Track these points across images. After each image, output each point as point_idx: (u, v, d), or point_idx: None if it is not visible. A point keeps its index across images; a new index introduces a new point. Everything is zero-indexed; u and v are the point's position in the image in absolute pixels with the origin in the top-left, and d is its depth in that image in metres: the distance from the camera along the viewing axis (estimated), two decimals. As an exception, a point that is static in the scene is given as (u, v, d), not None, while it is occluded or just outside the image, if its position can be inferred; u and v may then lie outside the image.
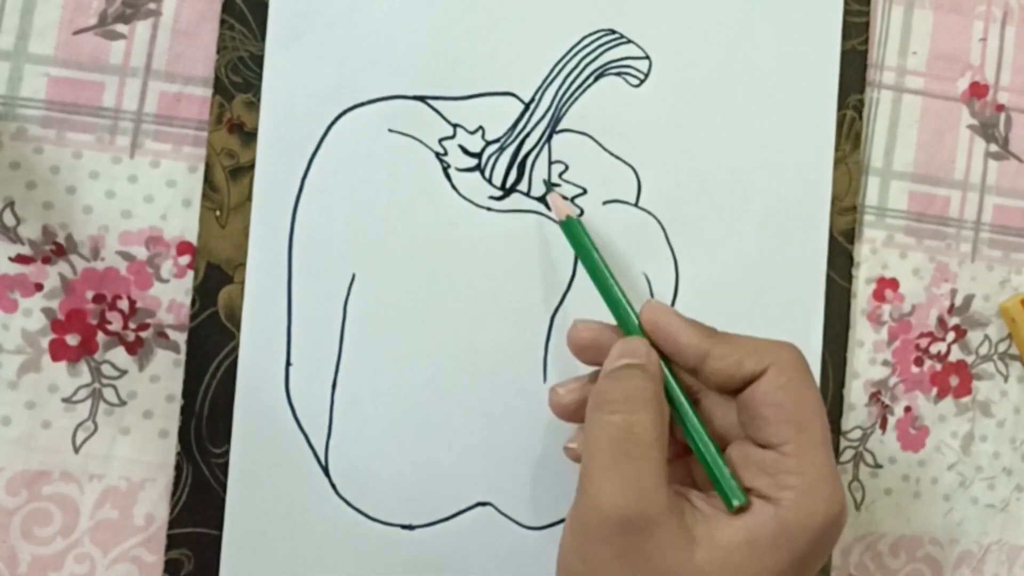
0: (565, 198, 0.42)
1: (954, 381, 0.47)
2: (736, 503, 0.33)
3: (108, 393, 0.40)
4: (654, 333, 0.36)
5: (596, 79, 0.43)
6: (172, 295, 0.40)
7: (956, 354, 0.47)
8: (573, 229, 0.40)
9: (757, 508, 0.33)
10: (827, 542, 0.34)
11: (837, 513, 0.33)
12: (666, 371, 0.36)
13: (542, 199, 0.43)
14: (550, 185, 0.42)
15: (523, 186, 0.43)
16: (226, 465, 0.40)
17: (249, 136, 0.41)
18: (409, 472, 0.41)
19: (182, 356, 0.40)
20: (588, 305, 0.43)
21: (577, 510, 0.34)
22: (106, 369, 0.40)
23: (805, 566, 0.33)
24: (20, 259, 0.39)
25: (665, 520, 0.32)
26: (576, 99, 0.43)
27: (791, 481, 0.33)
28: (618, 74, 0.44)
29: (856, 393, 0.46)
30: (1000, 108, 0.48)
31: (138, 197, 0.40)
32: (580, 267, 0.43)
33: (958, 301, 0.47)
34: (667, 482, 0.33)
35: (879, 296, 0.46)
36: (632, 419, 0.34)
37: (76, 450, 0.40)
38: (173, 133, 0.41)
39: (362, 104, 0.42)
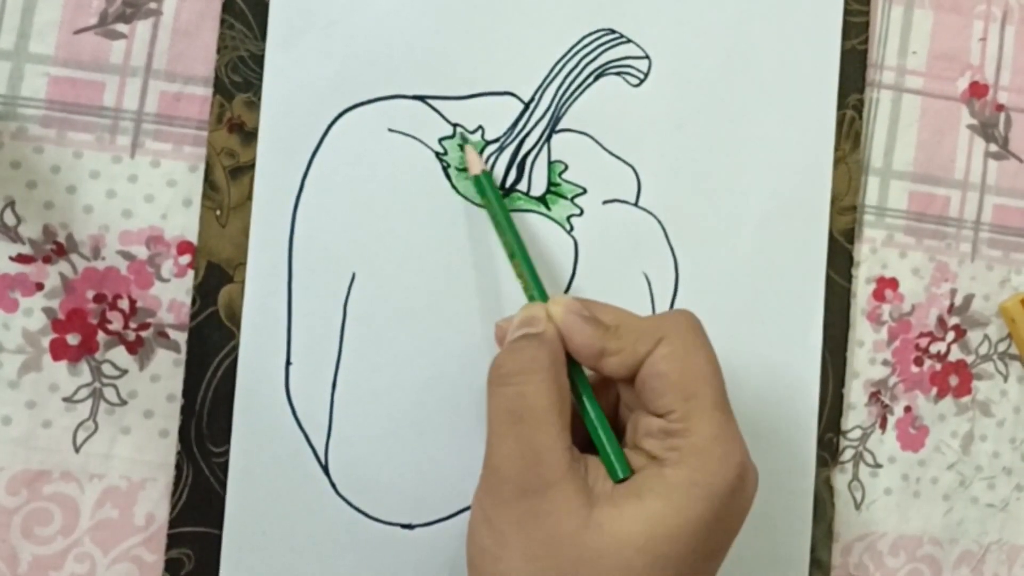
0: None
1: (954, 381, 0.47)
2: (620, 475, 0.34)
3: (109, 392, 0.40)
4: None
5: (596, 79, 0.44)
6: (172, 294, 0.40)
7: (956, 354, 0.47)
8: (483, 185, 0.41)
9: (646, 469, 0.34)
10: (727, 507, 0.33)
11: (733, 475, 0.33)
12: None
13: (542, 199, 0.43)
14: (464, 138, 0.42)
15: (523, 186, 0.43)
16: (226, 464, 0.40)
17: (249, 135, 0.41)
18: (409, 471, 0.41)
19: (182, 355, 0.40)
20: (588, 305, 0.43)
21: (482, 478, 0.35)
22: (107, 368, 0.40)
23: (701, 531, 0.33)
24: (21, 259, 0.39)
25: (563, 484, 0.33)
26: (576, 99, 0.43)
27: (677, 443, 0.34)
28: (618, 73, 0.44)
29: (856, 393, 0.46)
30: (1000, 108, 0.48)
31: (138, 197, 0.40)
32: (579, 267, 0.43)
33: (958, 301, 0.47)
34: (566, 446, 0.34)
35: (879, 296, 0.46)
36: (524, 388, 0.34)
37: (76, 449, 0.40)
38: (173, 132, 0.41)
39: (362, 104, 0.42)
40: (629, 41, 0.44)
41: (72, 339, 0.40)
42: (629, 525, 0.33)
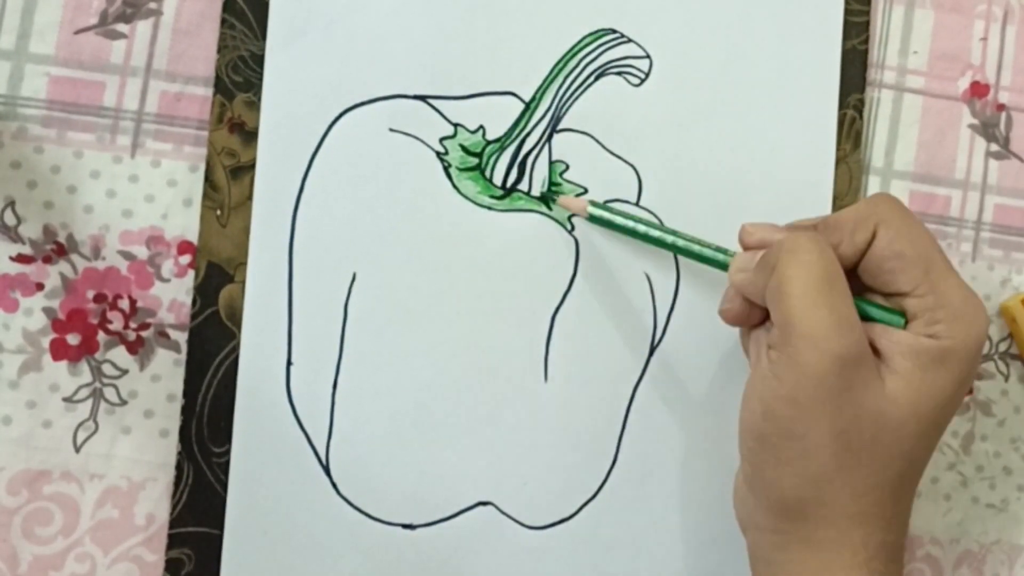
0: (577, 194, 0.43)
1: (955, 381, 0.47)
2: (901, 323, 0.36)
3: (109, 392, 0.40)
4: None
5: (597, 78, 0.43)
6: (173, 294, 0.40)
7: (957, 354, 0.47)
8: (602, 218, 0.41)
9: (920, 343, 0.35)
10: (977, 359, 0.36)
11: (984, 331, 0.36)
12: None
13: (543, 198, 0.43)
14: (549, 193, 0.43)
15: (524, 185, 0.43)
16: (227, 465, 0.40)
17: (250, 135, 0.41)
18: (410, 471, 0.41)
19: (183, 356, 0.40)
20: (590, 304, 0.43)
21: (787, 355, 0.34)
22: (107, 368, 0.40)
23: (962, 384, 0.35)
24: (21, 259, 0.39)
25: (867, 356, 0.34)
26: (577, 98, 0.43)
27: (939, 315, 0.35)
28: (619, 73, 0.44)
29: (857, 392, 0.46)
30: (1001, 107, 0.48)
31: (139, 196, 0.40)
32: (580, 267, 0.43)
33: (959, 301, 0.47)
34: None
35: (880, 295, 0.46)
36: (829, 258, 0.35)
37: (77, 449, 0.40)
38: (174, 132, 0.41)
39: (363, 103, 0.42)
40: (630, 41, 0.44)
41: (72, 339, 0.40)
42: (918, 395, 0.34)
